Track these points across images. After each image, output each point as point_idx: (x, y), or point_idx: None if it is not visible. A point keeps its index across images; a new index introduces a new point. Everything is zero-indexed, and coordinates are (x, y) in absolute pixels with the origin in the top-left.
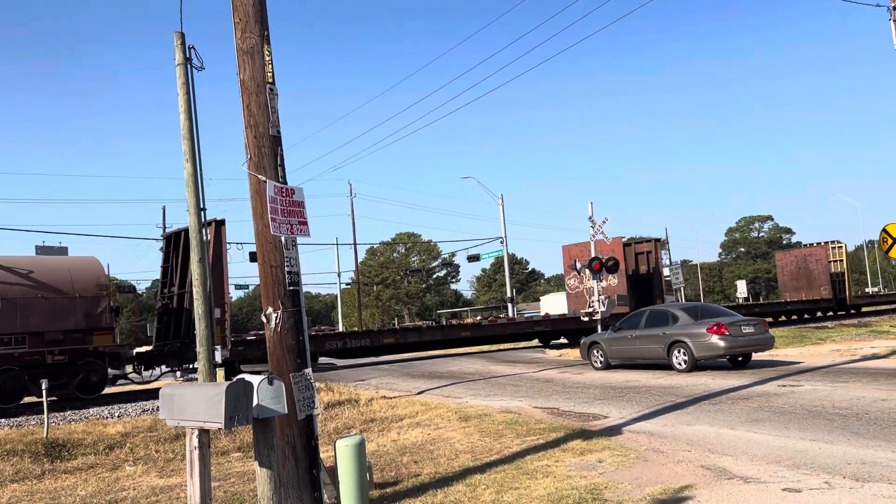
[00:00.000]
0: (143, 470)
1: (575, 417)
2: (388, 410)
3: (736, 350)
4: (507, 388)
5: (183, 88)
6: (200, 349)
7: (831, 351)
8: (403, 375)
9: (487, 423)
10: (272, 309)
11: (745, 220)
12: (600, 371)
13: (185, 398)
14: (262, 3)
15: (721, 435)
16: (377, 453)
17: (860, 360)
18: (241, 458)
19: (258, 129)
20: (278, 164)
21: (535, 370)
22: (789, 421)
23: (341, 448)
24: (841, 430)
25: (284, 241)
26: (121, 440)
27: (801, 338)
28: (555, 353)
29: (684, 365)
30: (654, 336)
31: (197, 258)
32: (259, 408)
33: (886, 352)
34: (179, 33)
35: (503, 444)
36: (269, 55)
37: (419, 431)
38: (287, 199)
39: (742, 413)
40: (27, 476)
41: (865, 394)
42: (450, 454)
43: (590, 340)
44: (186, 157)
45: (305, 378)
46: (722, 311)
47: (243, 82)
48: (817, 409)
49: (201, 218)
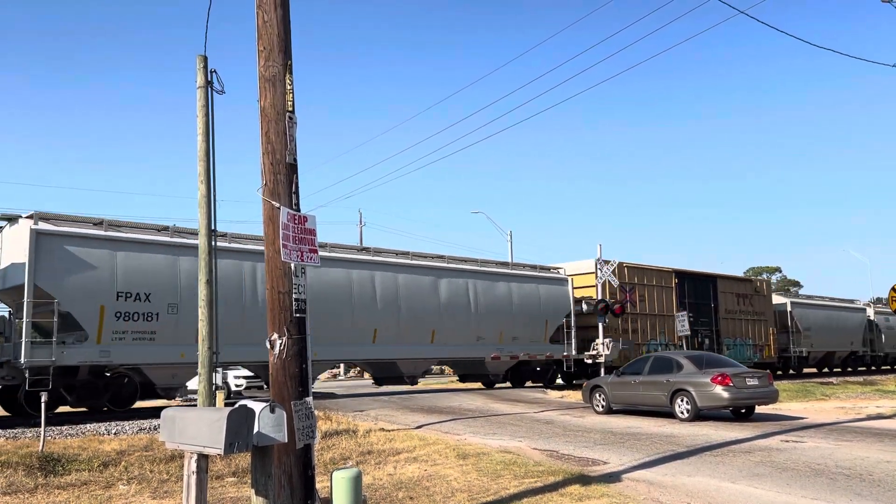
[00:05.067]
0: (137, 490)
1: (574, 461)
2: (385, 443)
3: (739, 402)
4: (506, 427)
5: (202, 111)
6: (201, 370)
7: (836, 408)
8: (403, 408)
9: (485, 462)
10: (277, 335)
11: (754, 271)
12: (602, 415)
13: (186, 421)
14: (287, 34)
15: (721, 488)
16: (373, 486)
17: (865, 419)
18: (235, 483)
19: (275, 156)
20: (293, 191)
21: (536, 410)
22: (791, 478)
23: (338, 480)
24: (843, 490)
25: (294, 267)
26: (116, 458)
27: (806, 392)
28: (556, 395)
29: (687, 414)
30: (658, 383)
31: (205, 279)
32: (259, 435)
33: (892, 412)
34: (203, 56)
35: (500, 485)
36: (291, 84)
37: (416, 466)
38: (299, 227)
39: (744, 467)
40: (20, 489)
41: (869, 454)
42: (446, 492)
43: (592, 384)
44: (201, 179)
45: (306, 406)
46: (727, 361)
47: (263, 109)
48: (820, 467)
49: (212, 239)
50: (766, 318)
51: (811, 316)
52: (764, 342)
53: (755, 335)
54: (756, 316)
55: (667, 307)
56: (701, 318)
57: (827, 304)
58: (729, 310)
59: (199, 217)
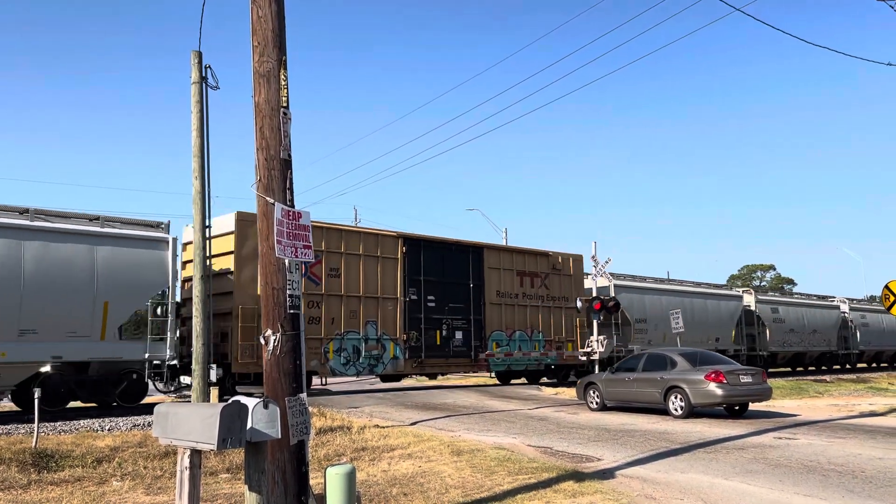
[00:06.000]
0: (131, 486)
1: (568, 458)
2: (380, 440)
3: (733, 399)
4: (500, 423)
5: (197, 107)
6: (196, 367)
7: (829, 405)
8: (397, 405)
9: (480, 459)
10: (271, 331)
11: (748, 269)
12: (596, 412)
13: (179, 417)
14: (282, 29)
15: (714, 485)
16: (367, 483)
17: (858, 416)
18: (229, 479)
19: (269, 151)
20: (287, 187)
21: (530, 407)
22: (784, 475)
23: (332, 476)
24: (836, 486)
25: (288, 263)
26: (109, 454)
27: (799, 390)
28: (550, 391)
29: (680, 411)
30: (652, 380)
31: (199, 275)
32: (252, 431)
33: (884, 409)
34: (197, 52)
35: (494, 482)
36: (285, 80)
37: (410, 463)
38: (294, 223)
39: (737, 463)
40: (13, 485)
41: (862, 451)
42: (440, 489)
43: (586, 381)
44: (196, 175)
45: (300, 402)
46: (721, 358)
47: (258, 105)
48: (813, 464)
49: (206, 235)
50: (573, 307)
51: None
52: (565, 337)
53: (551, 328)
54: (553, 302)
55: (386, 286)
56: (451, 304)
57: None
58: (504, 292)
59: (193, 213)
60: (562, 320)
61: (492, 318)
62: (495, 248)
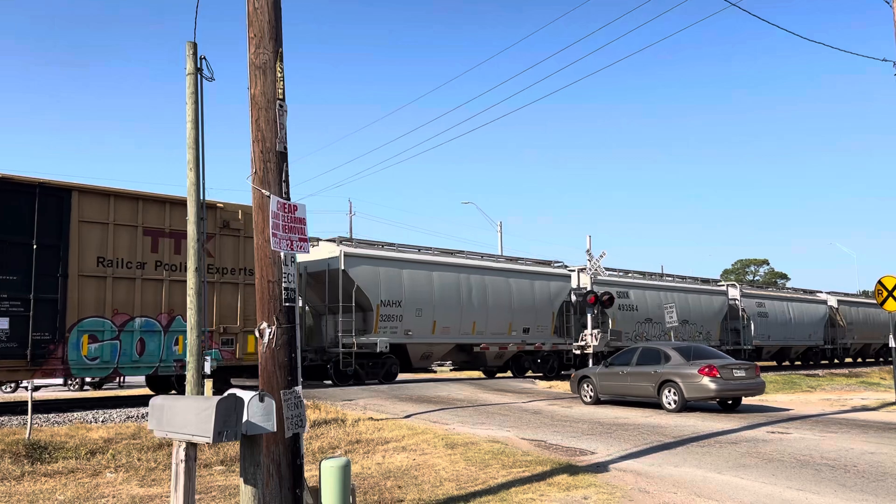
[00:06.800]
0: (124, 477)
1: (562, 451)
2: (374, 432)
3: (726, 393)
4: (495, 417)
5: (192, 98)
6: (190, 359)
7: (821, 400)
8: (392, 398)
9: (474, 452)
10: (266, 324)
11: (742, 263)
12: (590, 405)
13: (174, 409)
14: (278, 20)
15: (708, 478)
16: (361, 475)
17: (850, 410)
18: (223, 471)
19: (265, 143)
20: (283, 179)
21: (525, 400)
22: (777, 468)
23: (326, 469)
24: (829, 481)
25: (283, 256)
26: (103, 446)
27: (792, 384)
28: (545, 385)
29: (674, 405)
30: (646, 374)
31: (193, 267)
32: (248, 424)
33: (876, 404)
34: (192, 43)
35: (488, 475)
36: (282, 72)
37: (405, 456)
38: (289, 216)
39: (730, 457)
40: (6, 477)
41: (854, 445)
42: (434, 481)
43: (581, 374)
44: (190, 167)
45: (296, 395)
46: (715, 353)
47: (254, 97)
48: (805, 458)
49: (201, 227)
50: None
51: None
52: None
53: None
54: (222, 276)
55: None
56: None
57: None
58: (112, 260)
59: (188, 205)
60: (237, 303)
61: (84, 298)
62: (99, 192)
